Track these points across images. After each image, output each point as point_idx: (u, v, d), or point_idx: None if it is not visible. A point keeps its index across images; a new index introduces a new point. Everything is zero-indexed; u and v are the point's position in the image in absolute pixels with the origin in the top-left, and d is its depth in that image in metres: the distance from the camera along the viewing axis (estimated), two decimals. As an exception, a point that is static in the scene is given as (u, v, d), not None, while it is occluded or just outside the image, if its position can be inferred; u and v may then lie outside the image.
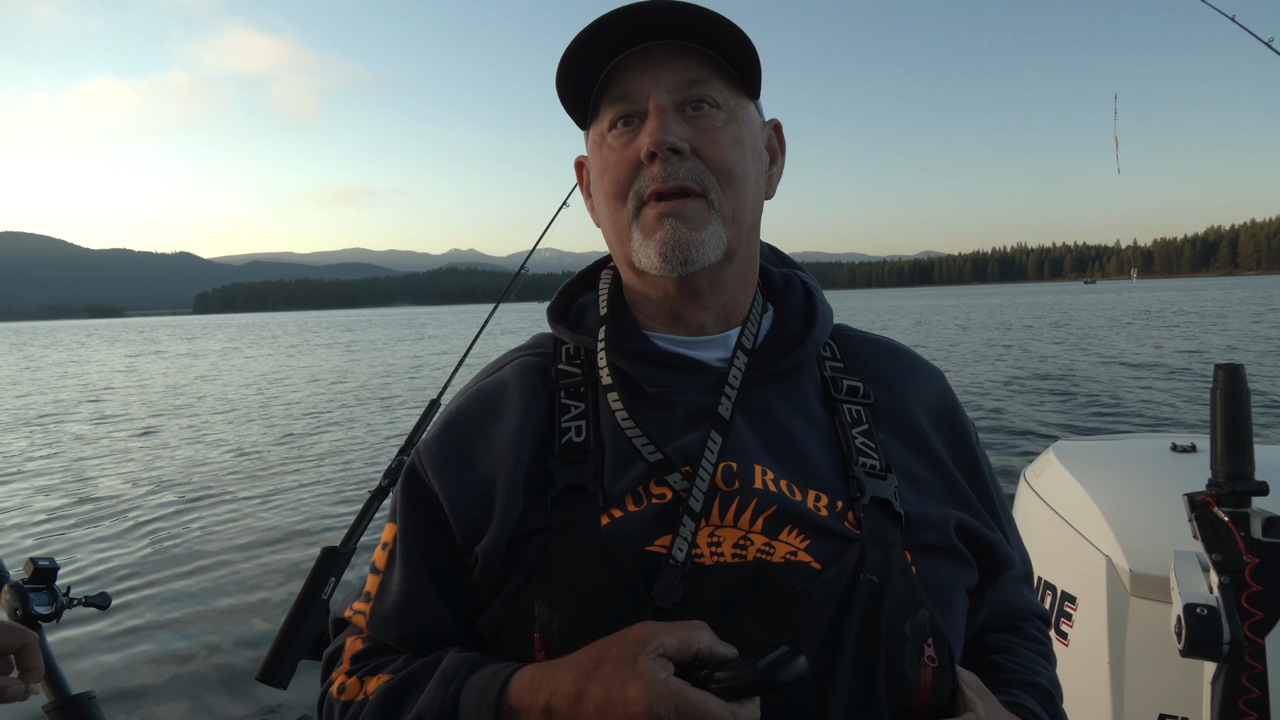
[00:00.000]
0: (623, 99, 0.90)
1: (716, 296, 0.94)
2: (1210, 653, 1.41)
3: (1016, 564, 0.96)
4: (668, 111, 0.88)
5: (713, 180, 0.88)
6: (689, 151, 0.87)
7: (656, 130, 0.86)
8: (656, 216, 0.88)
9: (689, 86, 0.88)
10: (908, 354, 1.05)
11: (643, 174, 0.89)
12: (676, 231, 0.87)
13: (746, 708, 0.70)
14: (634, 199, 0.90)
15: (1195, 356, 18.38)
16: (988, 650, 0.97)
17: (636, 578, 0.80)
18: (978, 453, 0.99)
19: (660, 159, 0.87)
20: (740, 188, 0.90)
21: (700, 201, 0.88)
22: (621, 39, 0.88)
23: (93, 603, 1.72)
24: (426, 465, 0.93)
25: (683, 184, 0.87)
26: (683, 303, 0.94)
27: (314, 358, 33.81)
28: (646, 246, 0.89)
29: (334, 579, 2.02)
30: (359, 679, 0.90)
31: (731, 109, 0.90)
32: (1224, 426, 1.49)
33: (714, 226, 0.88)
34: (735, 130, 0.90)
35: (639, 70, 0.89)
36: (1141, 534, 1.75)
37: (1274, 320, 30.61)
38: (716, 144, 0.88)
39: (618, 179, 0.91)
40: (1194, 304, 49.71)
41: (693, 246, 0.87)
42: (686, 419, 0.90)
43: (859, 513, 0.85)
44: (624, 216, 0.91)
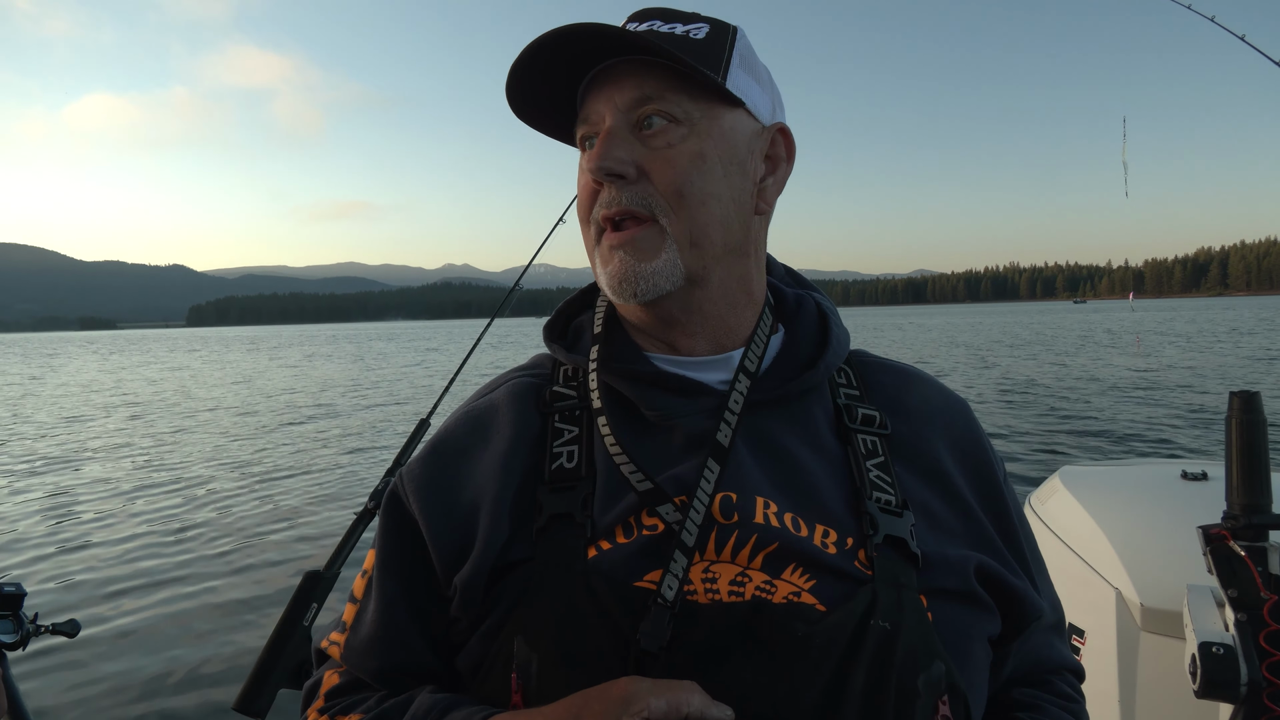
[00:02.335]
0: (585, 121, 0.87)
1: (699, 322, 0.89)
2: (1227, 694, 1.35)
3: (1046, 613, 0.89)
4: (615, 133, 0.83)
5: (662, 202, 0.83)
6: (635, 174, 0.83)
7: (595, 156, 0.83)
8: (609, 248, 0.85)
9: (640, 104, 0.83)
10: (930, 383, 0.99)
11: (598, 199, 0.85)
12: (625, 264, 0.84)
13: None
14: (594, 225, 0.87)
15: (1190, 374, 18.41)
16: (1014, 707, 0.90)
17: (621, 616, 0.74)
18: (1004, 491, 0.92)
19: (605, 184, 0.84)
20: (697, 208, 0.83)
21: (652, 228, 0.83)
22: (579, 60, 0.85)
23: (61, 630, 1.66)
24: (409, 490, 0.88)
25: (627, 209, 0.83)
26: (663, 329, 0.90)
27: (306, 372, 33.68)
28: (603, 276, 0.87)
29: (316, 605, 1.95)
30: (330, 717, 0.85)
31: (696, 122, 0.83)
32: (1240, 456, 1.44)
33: (667, 254, 0.83)
34: (696, 145, 0.83)
35: (597, 90, 0.86)
36: (1152, 566, 1.69)
37: (1264, 342, 30.73)
38: (668, 163, 0.82)
39: (582, 203, 0.88)
40: (1190, 325, 50.00)
41: (640, 278, 0.83)
42: (684, 445, 0.85)
43: (871, 551, 0.78)
44: (590, 241, 0.89)
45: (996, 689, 0.90)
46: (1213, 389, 16.30)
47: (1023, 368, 22.79)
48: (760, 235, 0.92)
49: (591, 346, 0.92)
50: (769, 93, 0.91)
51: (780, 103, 0.94)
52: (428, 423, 2.34)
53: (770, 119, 0.91)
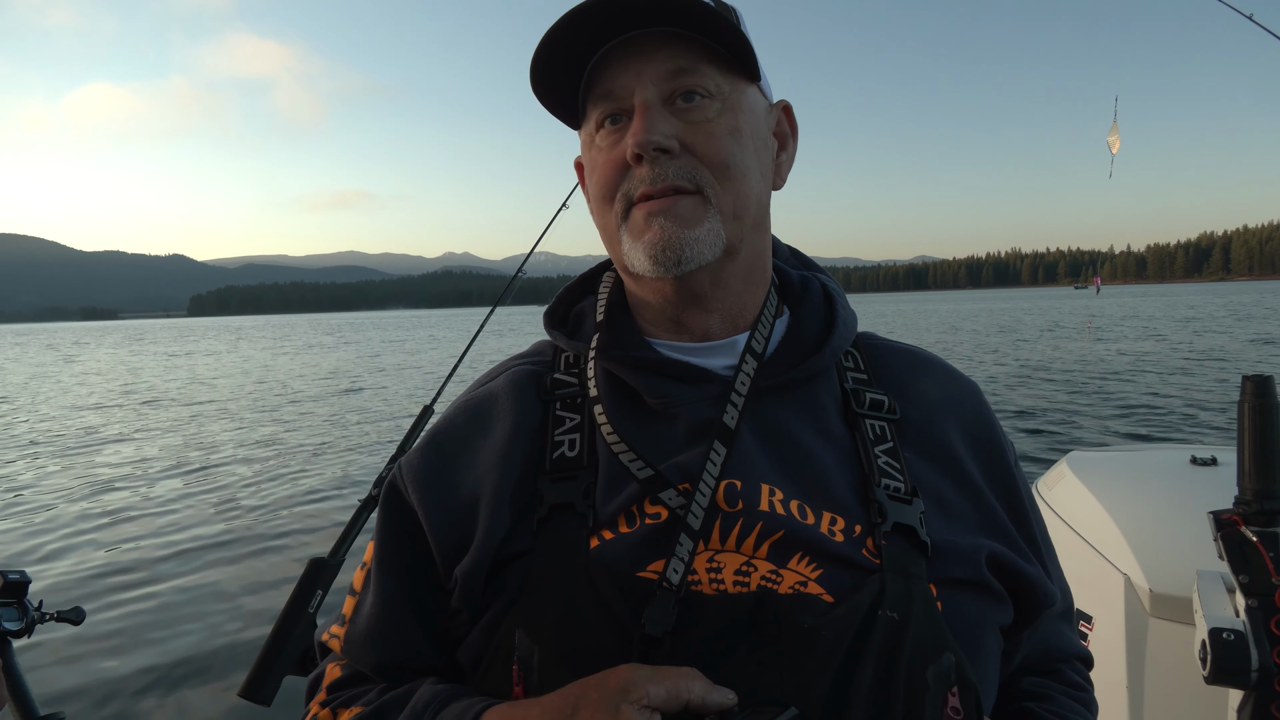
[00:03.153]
0: (606, 97, 0.84)
1: (721, 298, 0.87)
2: (1237, 680, 1.34)
3: (1057, 600, 0.88)
4: (653, 108, 0.81)
5: (708, 175, 0.81)
6: (679, 149, 0.80)
7: (640, 131, 0.80)
8: (645, 216, 0.82)
9: (676, 77, 0.81)
10: (940, 365, 0.97)
11: (630, 176, 0.82)
12: (666, 231, 0.80)
13: None
14: (622, 201, 0.83)
15: (1197, 362, 18.40)
16: (1022, 697, 0.89)
17: (624, 607, 0.73)
18: (1016, 476, 0.90)
19: (648, 160, 0.80)
20: (740, 180, 0.82)
21: (695, 198, 0.81)
22: (599, 32, 0.81)
23: (65, 617, 1.65)
24: (408, 481, 0.87)
25: (674, 184, 0.80)
26: (684, 307, 0.87)
27: (308, 359, 33.76)
28: (636, 249, 0.83)
29: (321, 592, 1.95)
30: (332, 710, 0.85)
31: (727, 96, 0.82)
32: (1253, 441, 1.42)
33: (710, 223, 0.81)
34: (732, 119, 0.82)
35: (621, 64, 0.82)
36: (1161, 552, 1.68)
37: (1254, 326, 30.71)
38: (711, 137, 0.81)
39: (605, 181, 0.85)
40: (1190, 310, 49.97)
41: (685, 245, 0.80)
42: (689, 432, 0.83)
43: (879, 540, 0.77)
44: (613, 220, 0.85)
45: (1006, 677, 0.89)
46: (1222, 373, 16.31)
47: (1026, 352, 22.80)
48: (769, 212, 0.91)
49: (593, 334, 0.90)
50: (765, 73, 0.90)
51: (768, 85, 0.92)
52: (431, 410, 2.34)
53: (773, 96, 0.91)
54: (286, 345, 49.28)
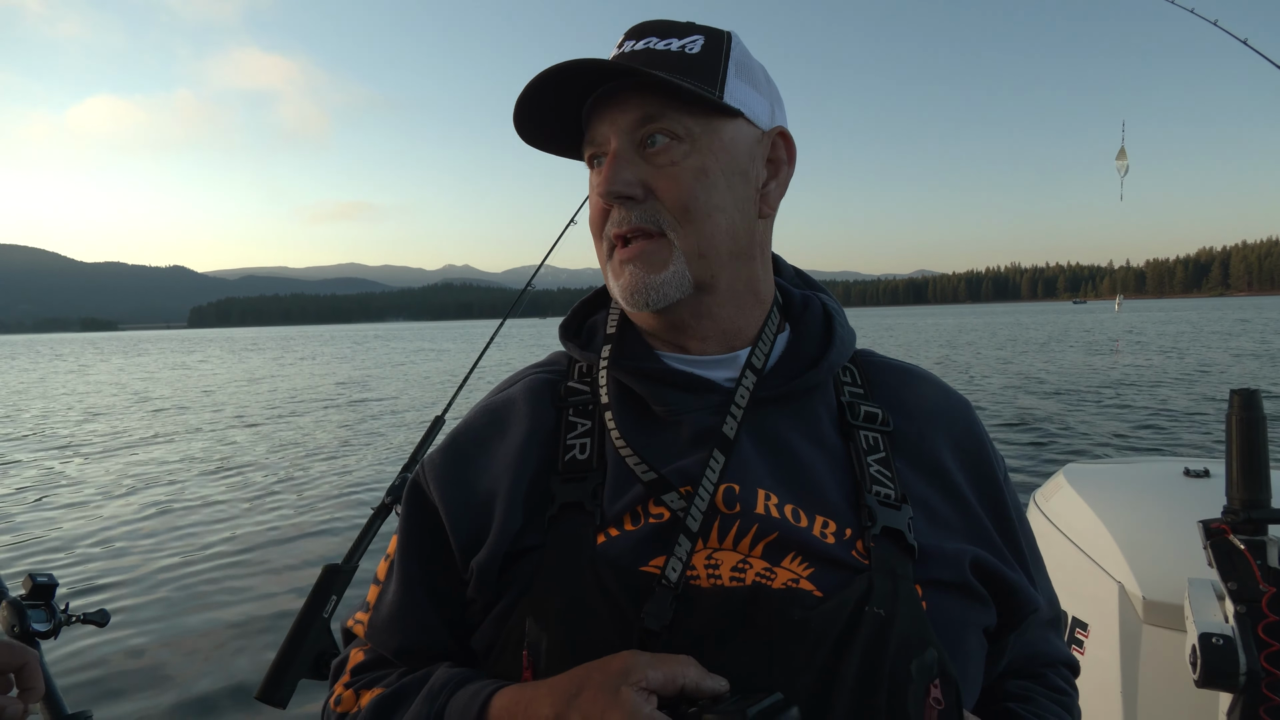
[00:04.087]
0: (591, 142, 0.92)
1: (708, 326, 0.93)
2: (1226, 684, 1.39)
3: (1041, 607, 0.92)
4: (621, 155, 0.87)
5: (670, 218, 0.86)
6: (642, 194, 0.86)
7: (603, 181, 0.87)
8: (620, 262, 0.90)
9: (643, 124, 0.86)
10: (933, 382, 1.02)
11: (609, 218, 0.90)
12: (635, 277, 0.88)
13: None
14: (606, 241, 0.92)
15: (1195, 379, 18.45)
16: (1006, 698, 0.93)
17: (625, 599, 0.78)
18: (1004, 489, 0.95)
19: (615, 205, 0.88)
20: (704, 221, 0.87)
21: (660, 241, 0.87)
22: (589, 85, 0.89)
23: (91, 619, 1.69)
24: (429, 479, 0.93)
25: (638, 226, 0.87)
26: (673, 334, 0.94)
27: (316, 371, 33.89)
28: (615, 288, 0.91)
29: (335, 597, 1.99)
30: (355, 691, 0.91)
31: (696, 138, 0.87)
32: (1240, 452, 1.48)
33: (675, 265, 0.87)
34: (699, 160, 0.87)
35: (600, 113, 0.90)
36: (1155, 560, 1.73)
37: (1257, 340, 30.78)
38: (673, 181, 0.86)
39: (593, 220, 0.93)
40: (1188, 325, 50.02)
41: (651, 289, 0.87)
42: (691, 439, 0.88)
43: (868, 542, 0.82)
44: (603, 255, 0.93)
45: (992, 680, 0.93)
46: (1215, 387, 16.37)
47: (1027, 366, 22.84)
48: (765, 237, 0.95)
49: (604, 345, 0.96)
50: (767, 96, 0.93)
51: (779, 102, 0.96)
52: (443, 419, 2.39)
53: (769, 123, 0.93)
54: (290, 356, 49.49)
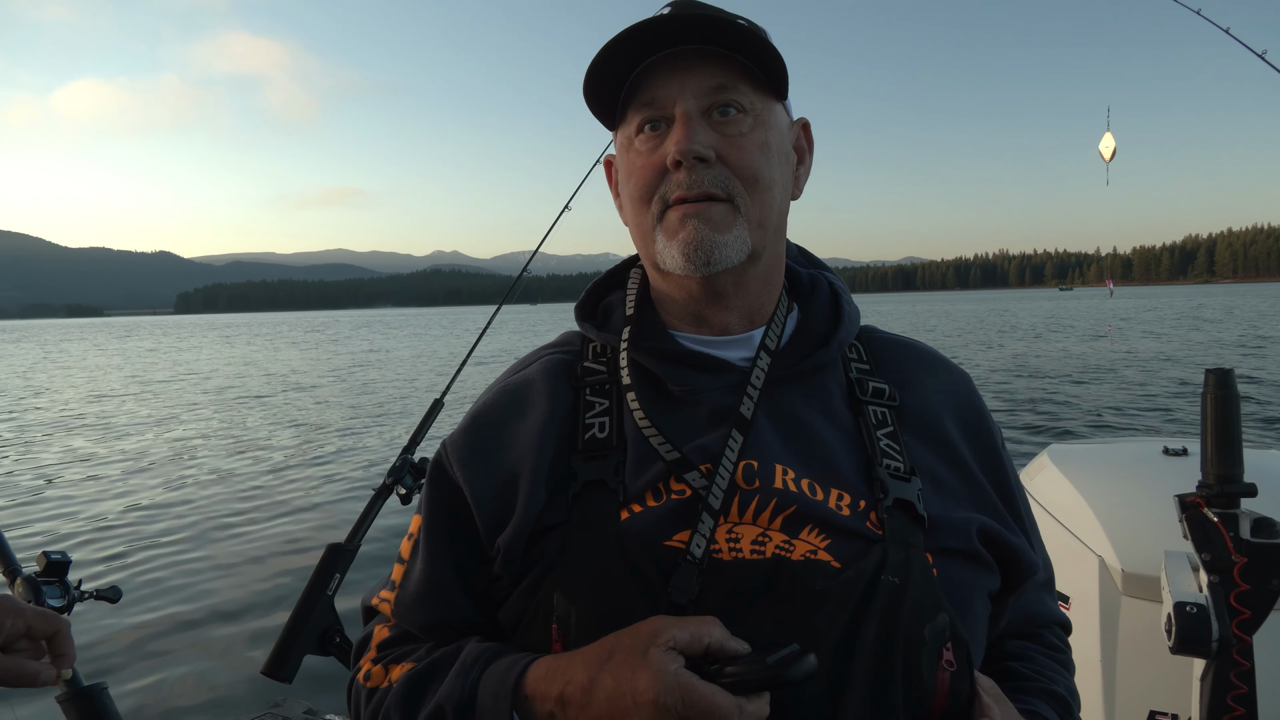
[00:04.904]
0: (649, 104, 0.91)
1: (741, 298, 0.95)
2: (1199, 650, 1.45)
3: (1040, 569, 0.96)
4: (694, 118, 0.88)
5: (739, 186, 0.89)
6: (714, 158, 0.88)
7: (682, 139, 0.87)
8: (680, 218, 0.89)
9: (716, 92, 0.88)
10: (935, 357, 1.05)
11: (668, 180, 0.89)
12: (699, 232, 0.88)
13: (754, 703, 0.70)
14: (659, 203, 0.91)
15: (1172, 362, 18.63)
16: (1006, 657, 0.98)
17: (653, 572, 0.81)
18: (1003, 457, 0.99)
19: (686, 167, 0.88)
20: (766, 192, 0.90)
21: (726, 205, 0.89)
22: (649, 44, 0.89)
23: (104, 596, 1.73)
24: (452, 459, 0.95)
25: (708, 190, 0.88)
26: (707, 303, 0.95)
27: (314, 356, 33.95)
28: (670, 247, 0.90)
29: (339, 575, 2.04)
30: (384, 666, 0.92)
31: (759, 113, 0.90)
32: (1214, 430, 1.53)
33: (738, 230, 0.89)
34: (762, 135, 0.90)
35: (666, 76, 0.90)
36: (1134, 535, 1.79)
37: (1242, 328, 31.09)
38: (743, 150, 0.89)
39: (644, 183, 0.92)
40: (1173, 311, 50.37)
41: (715, 247, 0.88)
42: (709, 418, 0.91)
43: (881, 514, 0.85)
44: (648, 220, 0.92)
45: (992, 640, 0.97)
46: (1193, 369, 16.59)
47: (1015, 352, 23.00)
48: (786, 220, 0.99)
49: (624, 326, 0.98)
50: None
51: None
52: (441, 403, 2.43)
53: (794, 113, 0.99)
54: (287, 340, 49.44)
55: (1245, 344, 23.93)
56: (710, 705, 0.69)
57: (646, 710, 0.70)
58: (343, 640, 2.02)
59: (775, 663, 0.70)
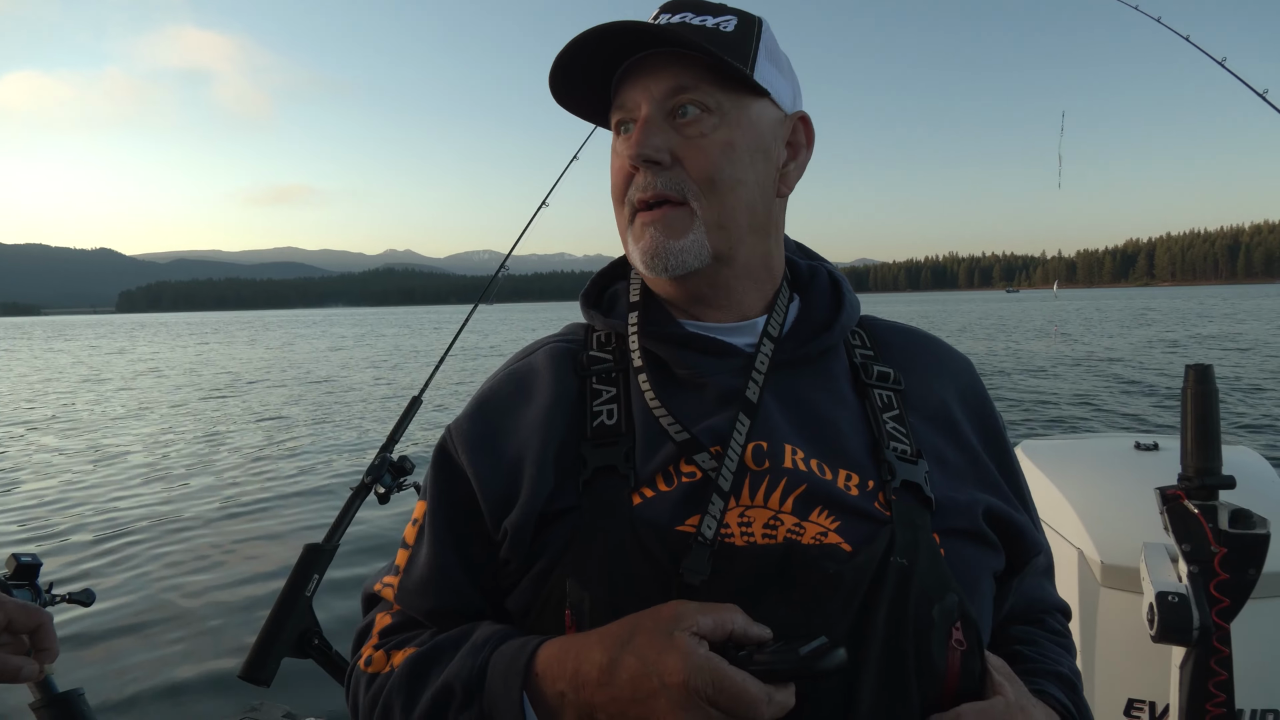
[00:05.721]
0: (621, 107, 0.93)
1: (723, 297, 0.96)
2: (1181, 638, 1.49)
3: (1044, 547, 0.98)
4: (652, 122, 0.89)
5: (694, 188, 0.89)
6: (670, 161, 0.89)
7: (634, 143, 0.89)
8: (642, 225, 0.91)
9: (675, 94, 0.89)
10: (936, 342, 1.07)
11: (633, 182, 0.92)
12: (655, 240, 0.90)
13: (782, 692, 0.70)
14: (628, 206, 0.93)
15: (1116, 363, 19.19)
16: (1011, 641, 0.99)
17: (665, 557, 0.81)
18: (1005, 440, 1.01)
19: (641, 169, 0.90)
20: (729, 193, 0.90)
21: (683, 209, 0.89)
22: (621, 49, 0.91)
23: (76, 599, 1.68)
24: (458, 443, 0.94)
25: (662, 193, 0.89)
26: (689, 303, 0.97)
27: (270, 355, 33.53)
28: (634, 252, 0.93)
29: (317, 576, 2.00)
30: (386, 652, 0.91)
31: (726, 112, 0.90)
32: (1194, 424, 1.58)
33: (695, 234, 0.89)
34: (727, 134, 0.90)
35: (633, 80, 0.92)
36: (1111, 528, 1.83)
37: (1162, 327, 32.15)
38: (700, 151, 0.89)
39: (616, 185, 0.94)
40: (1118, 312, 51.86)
41: (670, 254, 0.90)
42: (716, 400, 0.91)
43: (889, 495, 0.86)
44: (623, 221, 0.95)
45: (996, 626, 0.99)
46: (1136, 369, 17.11)
47: (969, 350, 23.46)
48: (780, 217, 0.99)
49: (630, 312, 0.98)
50: (790, 81, 0.97)
51: (799, 91, 1.00)
52: (419, 400, 2.39)
53: (792, 107, 0.97)
54: (239, 341, 48.67)
55: (1195, 343, 24.78)
56: (741, 691, 0.69)
57: (675, 692, 0.70)
58: (321, 642, 1.98)
59: (808, 654, 0.69)
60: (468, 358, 26.97)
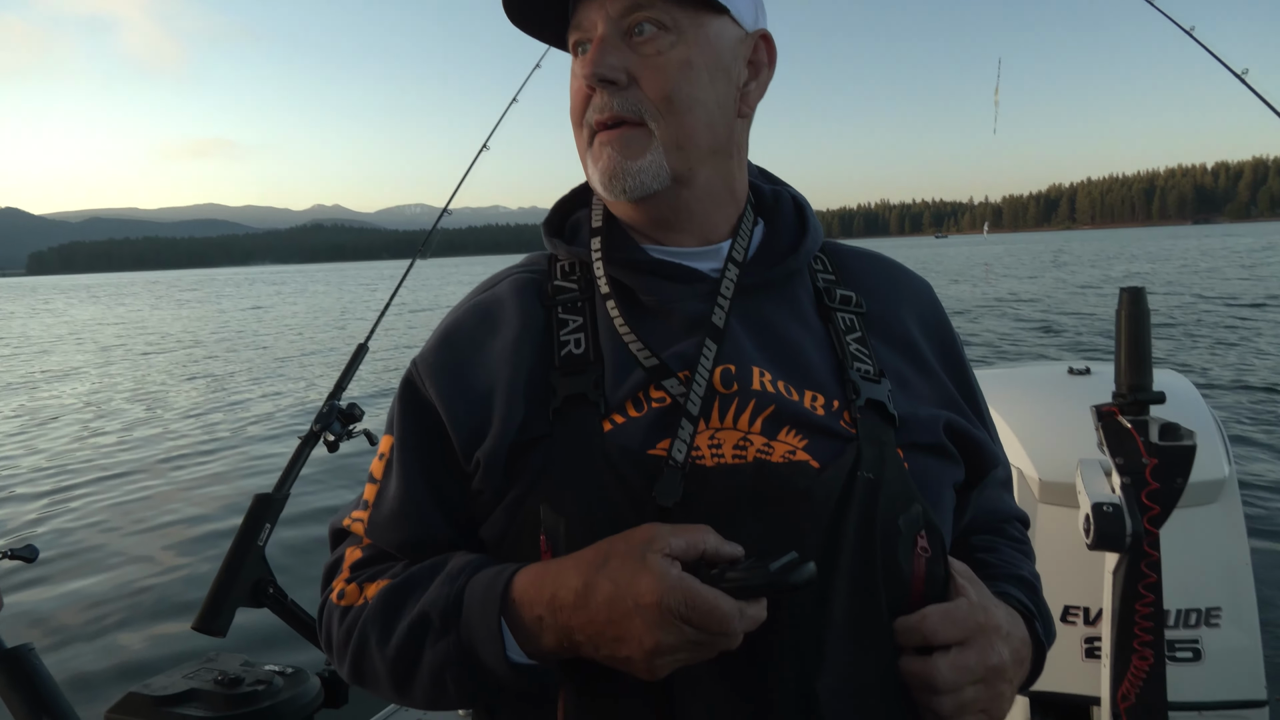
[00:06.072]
0: (578, 27, 0.91)
1: (685, 220, 0.95)
2: (1115, 544, 1.58)
3: (1002, 459, 1.02)
4: (607, 40, 0.88)
5: (651, 108, 0.88)
6: (626, 81, 0.87)
7: (589, 63, 0.87)
8: (600, 144, 0.90)
9: (631, 11, 0.87)
10: (897, 267, 1.09)
11: (591, 103, 0.90)
12: (612, 160, 0.89)
13: (754, 607, 0.72)
14: (586, 128, 0.92)
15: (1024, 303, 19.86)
16: (973, 550, 1.02)
17: (638, 480, 0.82)
18: (963, 359, 1.04)
19: (597, 90, 0.88)
20: (687, 113, 0.89)
21: (640, 130, 0.88)
22: None
23: (19, 555, 1.64)
24: (424, 376, 0.93)
25: (618, 114, 0.88)
26: (651, 227, 0.96)
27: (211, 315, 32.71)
28: (593, 174, 0.92)
29: (269, 525, 1.97)
30: (359, 585, 0.91)
31: (683, 30, 0.88)
32: (1128, 343, 1.65)
33: (653, 154, 0.88)
34: (684, 52, 0.88)
35: None
36: (1047, 447, 1.91)
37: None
38: (657, 70, 0.87)
39: (575, 107, 0.93)
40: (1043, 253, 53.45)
41: (628, 175, 0.88)
42: (683, 326, 0.92)
43: (854, 413, 0.88)
44: (582, 143, 0.94)
45: (958, 537, 1.03)
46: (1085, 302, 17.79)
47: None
48: (743, 138, 0.99)
49: (592, 238, 0.97)
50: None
51: (762, 9, 0.98)
52: (366, 347, 2.36)
53: (753, 25, 0.96)
54: (171, 300, 47.33)
55: (1111, 284, 25.74)
56: (713, 608, 0.70)
57: (650, 612, 0.71)
58: (276, 591, 1.97)
59: (778, 569, 0.71)
60: (407, 310, 26.63)
